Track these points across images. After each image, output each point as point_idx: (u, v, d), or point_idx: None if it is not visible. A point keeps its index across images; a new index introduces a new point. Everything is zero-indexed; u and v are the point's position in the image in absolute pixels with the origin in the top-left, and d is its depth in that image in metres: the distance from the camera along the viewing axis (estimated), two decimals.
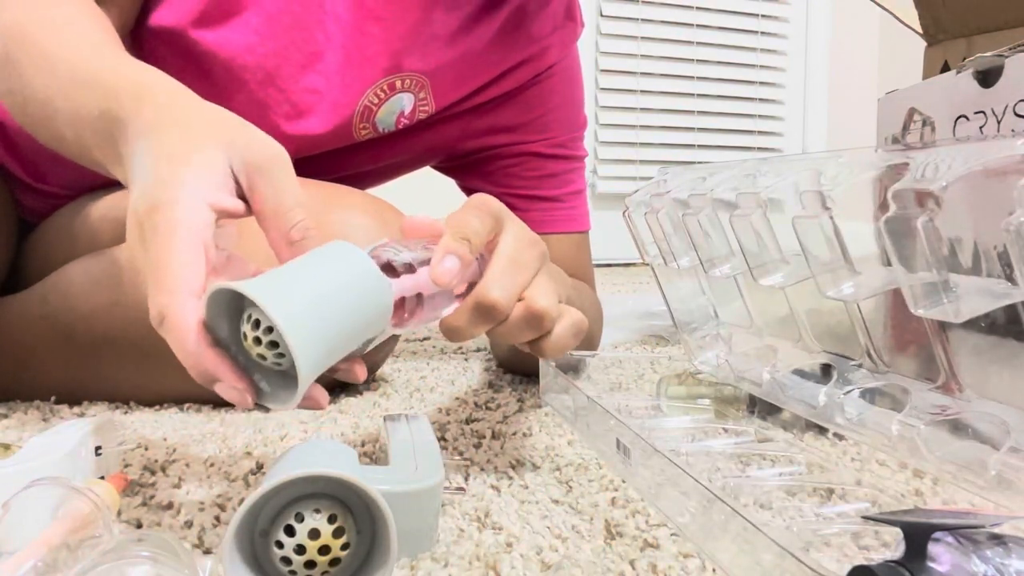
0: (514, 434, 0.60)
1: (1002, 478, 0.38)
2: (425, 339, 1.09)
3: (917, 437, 0.43)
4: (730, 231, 0.54)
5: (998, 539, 0.30)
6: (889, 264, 0.38)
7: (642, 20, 2.66)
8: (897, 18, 0.97)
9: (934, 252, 0.35)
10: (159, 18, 0.70)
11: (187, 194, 0.40)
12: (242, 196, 0.43)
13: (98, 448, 0.46)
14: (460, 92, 0.81)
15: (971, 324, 0.38)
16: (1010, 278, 0.35)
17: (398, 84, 0.76)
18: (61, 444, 0.44)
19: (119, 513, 0.43)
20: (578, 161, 0.91)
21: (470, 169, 0.89)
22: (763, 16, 2.81)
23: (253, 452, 0.56)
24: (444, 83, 0.79)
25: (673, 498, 0.41)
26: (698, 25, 2.72)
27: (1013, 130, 0.56)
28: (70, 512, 0.37)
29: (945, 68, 0.87)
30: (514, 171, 0.87)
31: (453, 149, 0.87)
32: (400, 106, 0.78)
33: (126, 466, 0.52)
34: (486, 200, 0.46)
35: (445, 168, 0.92)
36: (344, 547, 0.34)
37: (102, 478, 0.45)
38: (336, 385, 0.76)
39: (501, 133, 0.86)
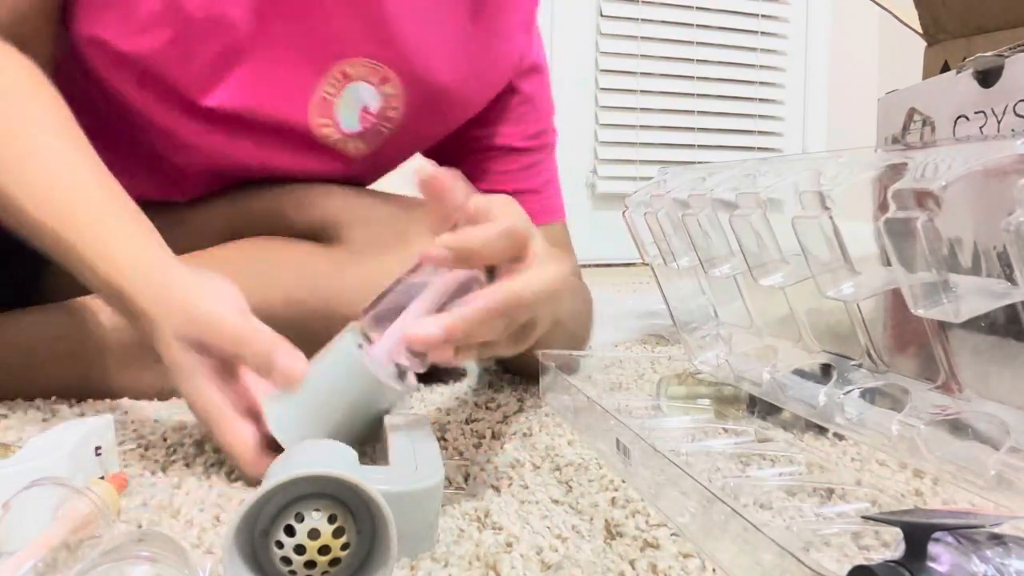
0: (514, 434, 0.60)
1: (1002, 478, 0.38)
2: None
3: (917, 437, 0.43)
4: (730, 231, 0.54)
5: (998, 539, 0.30)
6: (889, 264, 0.38)
7: (642, 20, 2.66)
8: (897, 18, 0.97)
9: (934, 252, 0.35)
10: (92, 27, 0.69)
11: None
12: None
13: (98, 448, 0.46)
14: (431, 82, 0.78)
15: (971, 324, 0.38)
16: (1010, 278, 0.35)
17: (350, 71, 0.74)
18: (61, 444, 0.44)
19: (119, 513, 0.43)
20: (550, 148, 0.89)
21: (445, 164, 0.88)
22: (763, 16, 2.81)
23: None
24: (409, 73, 0.76)
25: (673, 498, 0.41)
26: (698, 25, 2.72)
27: (1013, 130, 0.56)
28: (70, 512, 0.37)
29: (945, 68, 0.87)
30: (490, 166, 0.85)
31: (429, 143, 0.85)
32: (358, 100, 0.76)
33: (126, 466, 0.52)
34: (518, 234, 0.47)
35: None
36: (344, 547, 0.34)
37: (102, 478, 0.45)
38: None
39: (476, 127, 0.84)
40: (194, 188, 0.81)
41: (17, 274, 0.80)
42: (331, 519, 0.34)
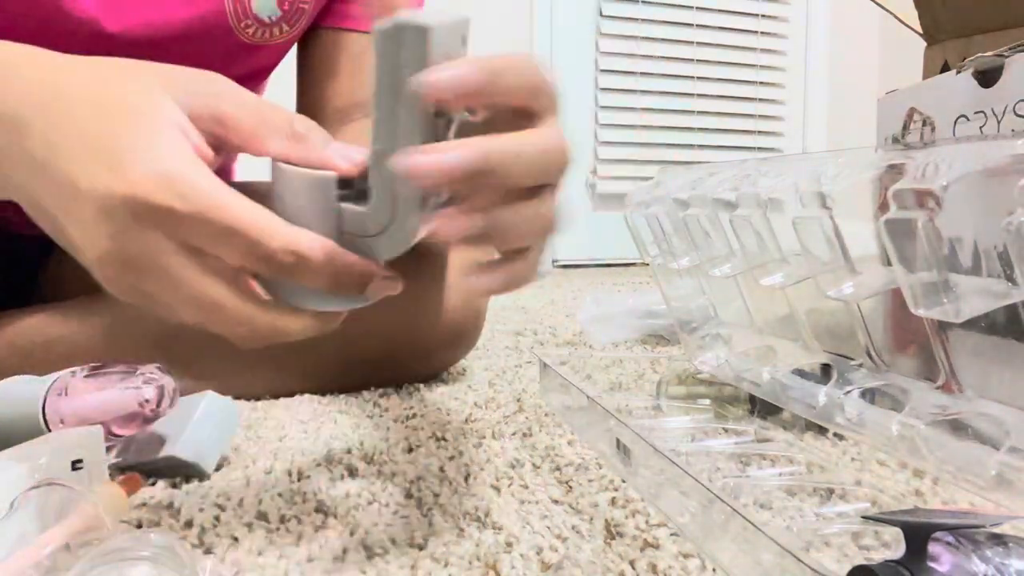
0: (514, 434, 0.60)
1: (1002, 478, 0.38)
2: None
3: (917, 437, 0.43)
4: (730, 231, 0.54)
5: (998, 539, 0.30)
6: (889, 264, 0.38)
7: (642, 20, 2.66)
8: (897, 18, 0.97)
9: (934, 252, 0.35)
10: None
11: (182, 153, 0.35)
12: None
13: (77, 462, 0.44)
14: None
15: (971, 324, 0.38)
16: (1010, 278, 0.35)
17: None
18: (25, 459, 0.41)
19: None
20: None
21: None
22: (763, 16, 2.81)
23: (252, 451, 0.56)
24: None
25: (673, 498, 0.41)
26: (698, 25, 2.72)
27: (1013, 130, 0.56)
28: (72, 514, 0.37)
29: (945, 68, 0.87)
30: None
31: None
32: None
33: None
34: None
35: None
36: None
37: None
38: (336, 387, 0.76)
39: None
40: None
41: (15, 274, 0.80)
42: None
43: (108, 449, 0.48)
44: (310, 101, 0.81)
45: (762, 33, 2.81)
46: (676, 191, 0.59)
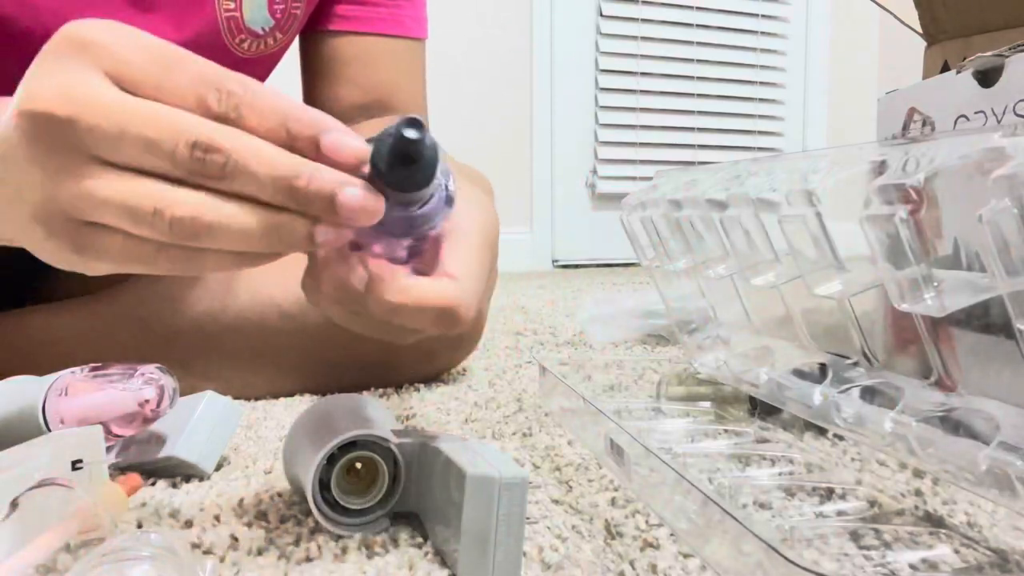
0: (514, 434, 0.61)
1: (993, 472, 0.38)
2: None
3: (909, 434, 0.43)
4: (723, 232, 0.54)
5: None
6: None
7: (642, 20, 2.66)
8: (897, 18, 0.97)
9: (915, 247, 0.35)
10: None
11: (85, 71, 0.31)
12: None
13: (77, 462, 0.44)
14: None
15: (964, 321, 0.38)
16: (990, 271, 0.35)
17: None
18: (25, 459, 0.42)
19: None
20: None
21: None
22: (763, 16, 2.81)
23: (252, 451, 0.56)
24: None
25: (666, 498, 0.41)
26: (698, 25, 2.73)
27: (999, 123, 0.56)
28: (73, 514, 0.37)
29: (945, 68, 0.87)
30: None
31: None
32: None
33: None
34: None
35: None
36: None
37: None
38: (337, 388, 0.76)
39: None
40: None
41: (15, 275, 0.80)
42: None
43: (108, 449, 0.48)
44: (315, 104, 0.82)
45: (762, 33, 2.81)
46: (671, 192, 0.59)
